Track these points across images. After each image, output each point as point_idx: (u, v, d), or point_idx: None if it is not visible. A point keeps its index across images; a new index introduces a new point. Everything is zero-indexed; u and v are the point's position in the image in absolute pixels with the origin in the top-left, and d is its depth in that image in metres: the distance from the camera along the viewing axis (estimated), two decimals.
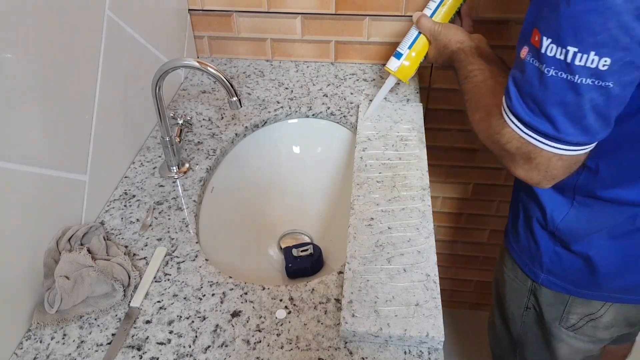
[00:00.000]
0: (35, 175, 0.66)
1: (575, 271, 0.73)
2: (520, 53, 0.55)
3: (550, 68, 0.51)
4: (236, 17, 1.11)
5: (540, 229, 0.75)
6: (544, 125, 0.55)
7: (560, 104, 0.53)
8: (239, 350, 0.62)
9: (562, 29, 0.49)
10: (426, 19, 0.81)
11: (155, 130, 0.98)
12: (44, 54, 0.66)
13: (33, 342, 0.64)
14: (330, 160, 1.04)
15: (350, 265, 0.68)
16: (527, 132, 0.56)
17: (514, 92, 0.56)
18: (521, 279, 0.82)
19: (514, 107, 0.57)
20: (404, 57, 0.84)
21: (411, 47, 0.84)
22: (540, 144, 0.56)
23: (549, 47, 0.51)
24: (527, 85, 0.54)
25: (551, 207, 0.71)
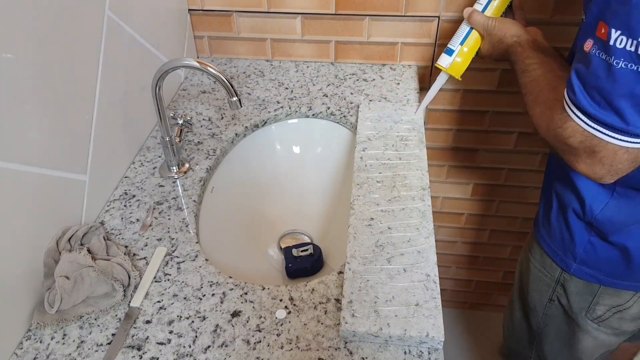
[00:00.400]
0: (35, 175, 0.66)
1: (610, 261, 0.73)
2: (584, 46, 0.55)
3: (619, 60, 0.51)
4: (236, 17, 1.11)
5: (576, 219, 0.75)
6: (611, 117, 0.54)
7: (629, 96, 0.52)
8: (239, 350, 0.62)
9: (633, 21, 0.49)
10: (478, 14, 0.80)
11: (155, 130, 0.98)
12: (44, 54, 0.66)
13: (33, 342, 0.64)
14: (330, 160, 1.04)
15: (350, 265, 0.68)
16: (592, 125, 0.56)
17: (577, 85, 0.56)
18: (549, 269, 0.82)
19: (578, 100, 0.56)
20: (456, 53, 0.83)
21: (463, 43, 0.82)
22: (606, 137, 0.55)
23: (619, 39, 0.51)
24: (593, 78, 0.54)
25: (591, 198, 0.71)
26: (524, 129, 1.20)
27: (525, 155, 1.25)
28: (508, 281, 1.60)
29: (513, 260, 1.52)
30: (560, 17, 1.01)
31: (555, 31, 1.04)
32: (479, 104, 1.17)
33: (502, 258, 1.52)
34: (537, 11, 1.01)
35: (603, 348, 0.84)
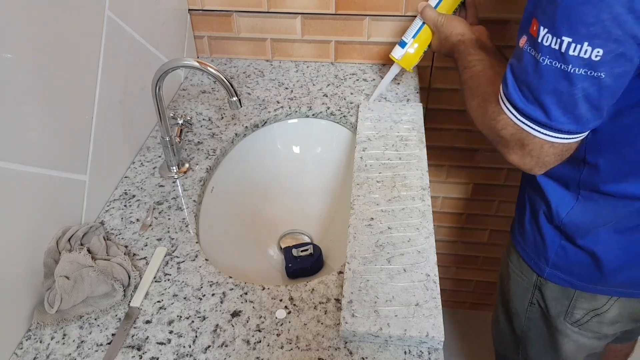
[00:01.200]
0: (35, 175, 0.66)
1: (581, 265, 0.73)
2: (519, 42, 0.57)
3: (545, 57, 0.53)
4: (236, 17, 1.11)
5: (546, 223, 0.75)
6: (537, 112, 0.56)
7: (553, 93, 0.54)
8: (239, 350, 0.62)
9: (557, 19, 0.51)
10: (430, 10, 0.83)
11: (155, 130, 0.98)
12: (44, 54, 0.66)
13: (33, 342, 0.64)
14: (330, 160, 1.04)
15: (350, 265, 0.68)
16: (521, 119, 0.58)
17: (510, 80, 0.58)
18: (526, 274, 0.82)
19: (510, 95, 0.58)
20: (408, 45, 0.87)
21: (415, 37, 0.86)
22: (533, 131, 0.58)
23: (545, 37, 0.52)
24: (523, 73, 0.56)
25: (557, 202, 0.71)
26: None
27: None
28: None
29: None
30: None
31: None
32: None
33: None
34: None
35: (586, 351, 0.83)
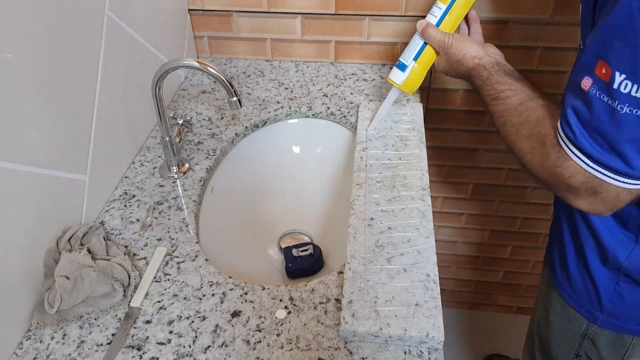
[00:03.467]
0: (35, 175, 0.66)
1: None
2: (582, 84, 0.51)
3: (624, 105, 0.48)
4: (236, 17, 1.11)
5: (599, 266, 0.69)
6: (616, 162, 0.51)
7: (634, 141, 0.50)
8: (239, 350, 0.62)
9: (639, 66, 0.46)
10: (434, 30, 0.75)
11: (155, 130, 0.98)
12: (44, 54, 0.66)
13: (33, 342, 0.64)
14: (330, 160, 1.04)
15: (350, 265, 0.68)
16: (595, 167, 0.53)
17: (576, 125, 0.53)
18: (574, 322, 0.76)
19: (579, 142, 0.53)
20: (409, 69, 0.79)
21: (417, 59, 0.78)
22: (609, 179, 0.53)
23: (623, 84, 0.48)
24: (595, 121, 0.51)
25: (613, 244, 0.66)
26: None
27: None
28: (508, 281, 1.60)
29: (513, 260, 1.52)
30: (560, 17, 1.01)
31: (555, 31, 1.04)
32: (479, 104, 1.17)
33: (502, 258, 1.52)
34: (537, 11, 1.01)
35: None
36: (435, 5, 0.76)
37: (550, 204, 1.35)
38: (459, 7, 0.74)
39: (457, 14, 0.75)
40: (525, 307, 1.68)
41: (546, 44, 1.06)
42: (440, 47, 0.75)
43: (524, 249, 1.49)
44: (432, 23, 0.75)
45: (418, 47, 0.78)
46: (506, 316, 1.70)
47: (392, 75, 0.81)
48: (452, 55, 0.73)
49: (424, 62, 0.78)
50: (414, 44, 0.78)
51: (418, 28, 0.76)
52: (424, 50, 0.77)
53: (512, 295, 1.65)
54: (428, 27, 0.75)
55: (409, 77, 0.79)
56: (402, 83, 0.80)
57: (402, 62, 0.80)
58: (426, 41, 0.76)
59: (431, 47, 0.77)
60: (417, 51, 0.78)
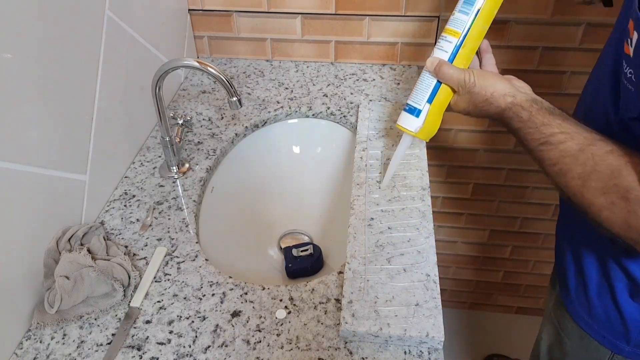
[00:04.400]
0: (35, 175, 0.66)
1: None
2: None
3: None
4: (236, 17, 1.11)
5: (629, 300, 0.64)
6: None
7: None
8: (239, 350, 0.62)
9: None
10: (449, 67, 0.64)
11: (155, 130, 0.98)
12: (44, 54, 0.66)
13: (33, 342, 0.64)
14: (330, 160, 1.04)
15: (350, 265, 0.68)
16: None
17: None
18: (595, 352, 0.71)
19: None
20: (424, 113, 0.67)
21: (431, 102, 0.67)
22: None
23: None
24: None
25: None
26: None
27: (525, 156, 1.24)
28: (508, 281, 1.60)
29: (513, 260, 1.52)
30: (560, 17, 1.01)
31: (555, 31, 1.04)
32: None
33: (502, 258, 1.53)
34: (537, 11, 1.01)
35: None
36: (443, 39, 0.65)
37: (550, 204, 1.35)
38: (472, 39, 0.64)
39: (471, 46, 0.65)
40: (525, 307, 1.68)
41: (546, 44, 1.06)
42: (460, 86, 0.64)
43: (524, 249, 1.49)
44: (444, 59, 0.65)
45: (431, 88, 0.66)
46: (506, 316, 1.70)
47: (403, 121, 0.69)
48: (477, 95, 0.63)
49: (440, 103, 0.67)
50: (424, 84, 0.67)
51: (429, 67, 0.65)
52: (438, 90, 0.66)
53: (512, 295, 1.65)
54: (442, 65, 0.64)
55: (426, 123, 0.68)
56: (418, 130, 0.69)
57: (413, 105, 0.68)
58: (441, 81, 0.66)
59: (446, 86, 0.66)
60: (431, 92, 0.67)
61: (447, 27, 0.65)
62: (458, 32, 0.64)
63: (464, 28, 0.63)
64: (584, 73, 1.09)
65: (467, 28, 0.63)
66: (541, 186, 1.31)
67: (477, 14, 0.63)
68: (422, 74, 0.67)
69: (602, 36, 1.03)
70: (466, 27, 0.63)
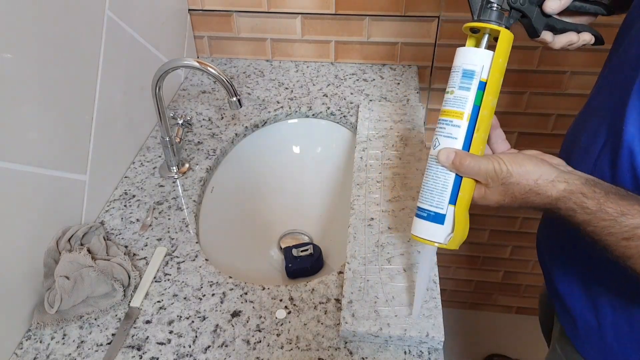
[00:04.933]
0: (35, 175, 0.66)
1: None
2: None
3: None
4: (236, 17, 1.11)
5: None
6: None
7: None
8: (239, 350, 0.62)
9: None
10: (473, 160, 0.52)
11: (155, 130, 0.98)
12: (44, 54, 0.66)
13: (33, 342, 0.64)
14: (330, 160, 1.04)
15: (350, 265, 0.68)
16: None
17: None
18: None
19: None
20: (450, 218, 0.55)
21: (455, 202, 0.55)
22: None
23: None
24: None
25: None
26: (524, 129, 1.20)
27: None
28: (508, 281, 1.60)
29: (513, 260, 1.52)
30: None
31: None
32: None
33: (502, 258, 1.52)
34: None
35: None
36: (447, 123, 0.53)
37: None
38: (485, 119, 0.53)
39: (485, 128, 0.54)
40: (525, 307, 1.68)
41: None
42: (491, 178, 0.52)
43: (524, 249, 1.49)
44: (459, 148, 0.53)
45: (450, 185, 0.54)
46: (506, 316, 1.70)
47: (424, 232, 0.55)
48: (516, 186, 0.52)
49: (465, 201, 0.55)
50: (440, 181, 0.54)
51: (444, 161, 0.53)
52: (460, 186, 0.54)
53: (512, 295, 1.65)
54: (463, 157, 0.52)
55: (456, 229, 0.55)
56: (449, 240, 0.56)
57: (432, 210, 0.55)
58: (463, 175, 0.53)
59: (468, 180, 0.54)
60: (451, 191, 0.54)
61: (446, 109, 0.53)
62: (462, 112, 0.52)
63: (468, 107, 0.52)
64: (584, 73, 1.09)
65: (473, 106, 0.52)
66: None
67: (484, 89, 0.52)
68: (432, 168, 0.54)
69: None
70: (471, 105, 0.52)
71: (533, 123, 1.16)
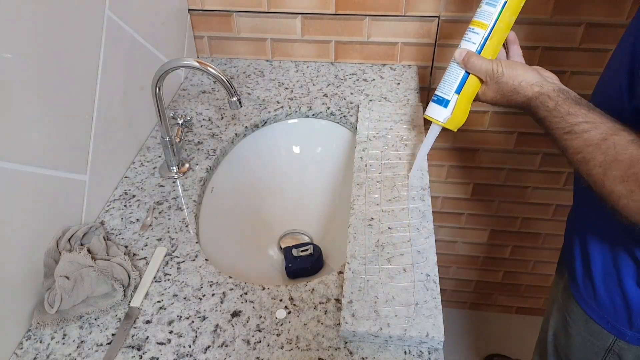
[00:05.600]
0: (35, 175, 0.66)
1: None
2: None
3: None
4: (236, 17, 1.11)
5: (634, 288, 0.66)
6: None
7: None
8: (239, 350, 0.62)
9: None
10: (478, 58, 0.66)
11: (155, 130, 0.98)
12: (44, 54, 0.66)
13: (33, 342, 0.64)
14: (330, 160, 1.04)
15: (350, 265, 0.68)
16: None
17: None
18: (598, 337, 0.73)
19: None
20: (453, 104, 0.69)
21: (459, 92, 0.69)
22: None
23: None
24: None
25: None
26: (524, 129, 1.20)
27: (525, 156, 1.25)
28: (508, 281, 1.60)
29: (513, 260, 1.52)
30: (560, 17, 1.01)
31: (555, 31, 1.04)
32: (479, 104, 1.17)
33: (502, 258, 1.53)
34: (537, 11, 1.01)
35: None
36: (471, 30, 0.67)
37: (551, 204, 1.35)
38: (500, 30, 0.66)
39: (498, 38, 0.67)
40: (525, 307, 1.68)
41: (546, 44, 1.06)
42: (489, 76, 0.66)
43: (524, 249, 1.49)
44: (472, 50, 0.67)
45: (459, 79, 0.68)
46: (506, 316, 1.71)
47: (431, 112, 0.71)
48: (505, 85, 0.65)
49: (468, 94, 0.69)
50: (452, 75, 0.69)
51: (457, 58, 0.67)
52: (466, 81, 0.68)
53: (512, 295, 1.65)
54: (470, 56, 0.66)
55: (454, 113, 0.70)
56: (447, 120, 0.70)
57: (441, 96, 0.70)
58: (469, 71, 0.67)
59: (475, 77, 0.68)
60: (459, 83, 0.68)
61: (474, 20, 0.67)
62: (485, 23, 0.65)
63: (491, 20, 0.65)
64: (584, 73, 1.09)
65: (495, 20, 0.65)
66: (541, 186, 1.31)
67: (504, 6, 0.64)
68: (450, 65, 0.69)
69: (602, 36, 1.03)
70: (493, 18, 0.65)
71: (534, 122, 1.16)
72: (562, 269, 0.83)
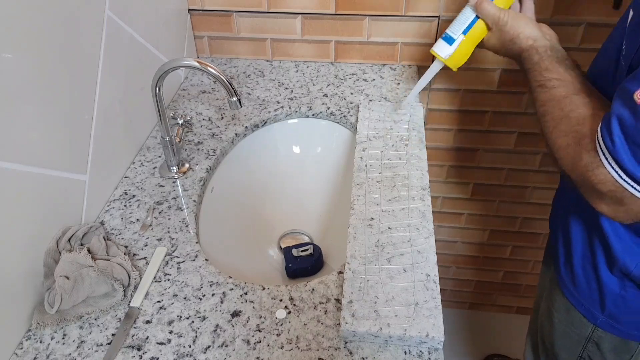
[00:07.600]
0: (35, 175, 0.66)
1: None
2: (635, 95, 0.48)
3: None
4: (236, 17, 1.11)
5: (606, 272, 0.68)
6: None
7: None
8: (239, 350, 0.62)
9: None
10: (489, 4, 0.70)
11: (155, 130, 0.98)
12: (44, 54, 0.66)
13: (33, 342, 0.64)
14: (330, 160, 1.04)
15: (350, 265, 0.68)
16: (627, 180, 0.51)
17: (618, 136, 0.50)
18: (578, 326, 0.75)
19: (617, 153, 0.50)
20: (457, 43, 0.74)
21: (466, 33, 0.73)
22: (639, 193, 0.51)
23: None
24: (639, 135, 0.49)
25: (623, 250, 0.65)
26: (524, 129, 1.20)
27: (525, 156, 1.25)
28: (508, 281, 1.60)
29: (513, 260, 1.52)
30: (560, 17, 1.01)
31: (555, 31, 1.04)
32: (479, 104, 1.17)
33: (502, 258, 1.53)
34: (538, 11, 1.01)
35: None
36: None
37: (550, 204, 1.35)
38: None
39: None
40: (525, 307, 1.68)
41: None
42: (494, 23, 0.70)
43: (524, 249, 1.49)
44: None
45: (469, 21, 0.73)
46: (506, 316, 1.70)
47: (436, 47, 0.76)
48: (506, 33, 0.69)
49: (474, 37, 0.73)
50: (463, 17, 0.73)
51: (471, 1, 0.72)
52: (474, 24, 0.73)
53: (512, 295, 1.65)
54: (483, 1, 0.71)
55: (456, 51, 0.74)
56: (448, 57, 0.75)
57: (449, 34, 0.75)
58: (479, 15, 0.72)
59: (483, 22, 0.72)
60: (468, 25, 0.73)
61: None
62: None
63: None
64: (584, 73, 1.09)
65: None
66: (541, 186, 1.31)
67: None
68: (464, 8, 0.74)
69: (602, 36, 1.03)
70: None
71: (533, 123, 1.17)
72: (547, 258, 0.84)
